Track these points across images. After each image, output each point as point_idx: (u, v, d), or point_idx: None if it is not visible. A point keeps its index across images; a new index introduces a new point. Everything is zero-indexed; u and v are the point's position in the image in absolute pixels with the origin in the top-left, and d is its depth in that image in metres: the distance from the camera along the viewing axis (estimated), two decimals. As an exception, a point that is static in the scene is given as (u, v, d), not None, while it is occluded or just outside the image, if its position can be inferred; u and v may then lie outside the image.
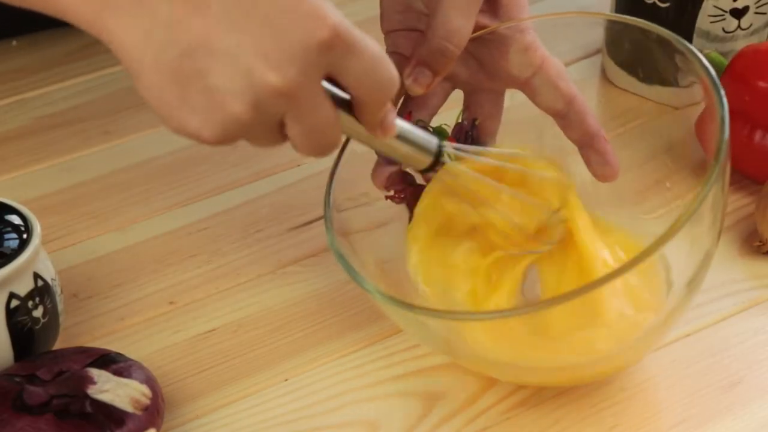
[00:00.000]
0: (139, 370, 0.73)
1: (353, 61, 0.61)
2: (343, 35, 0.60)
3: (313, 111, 0.62)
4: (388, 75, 0.63)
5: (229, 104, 0.60)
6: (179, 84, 0.60)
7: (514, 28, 0.78)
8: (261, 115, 0.61)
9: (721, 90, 0.69)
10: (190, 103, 0.60)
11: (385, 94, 0.64)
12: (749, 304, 0.82)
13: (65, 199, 0.92)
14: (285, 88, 0.60)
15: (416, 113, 0.80)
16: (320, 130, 0.63)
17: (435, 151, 0.71)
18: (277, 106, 0.61)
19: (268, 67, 0.59)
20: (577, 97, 0.77)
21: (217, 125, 0.61)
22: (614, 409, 0.75)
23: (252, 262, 0.86)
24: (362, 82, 0.63)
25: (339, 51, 0.61)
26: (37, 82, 1.05)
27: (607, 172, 0.77)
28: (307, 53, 0.60)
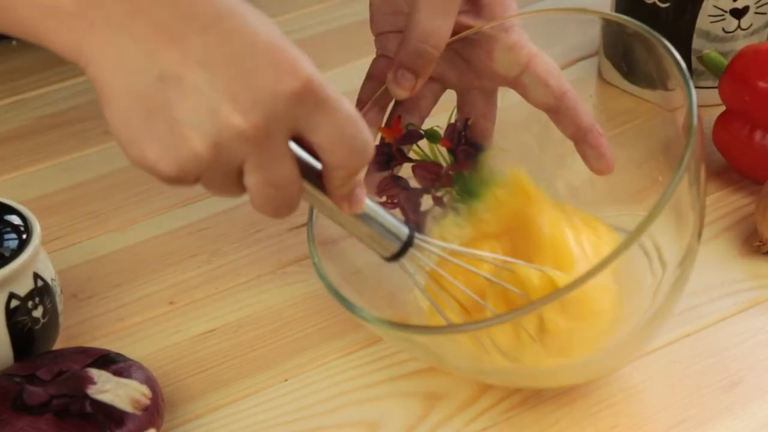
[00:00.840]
0: (139, 370, 0.73)
1: (323, 119, 0.60)
2: (316, 90, 0.59)
3: (274, 163, 0.60)
4: (362, 139, 0.61)
5: (190, 139, 0.58)
6: (144, 112, 0.59)
7: (498, 28, 0.78)
8: (220, 156, 0.59)
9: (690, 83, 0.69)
10: (153, 133, 0.59)
11: (356, 160, 0.61)
12: (749, 304, 0.82)
13: (65, 199, 0.92)
14: (248, 132, 0.58)
15: (406, 117, 0.80)
16: (278, 185, 0.61)
17: (403, 240, 0.68)
18: (237, 150, 0.59)
19: (234, 108, 0.58)
20: (569, 92, 0.77)
21: (175, 159, 0.59)
22: (614, 409, 0.75)
23: (252, 262, 0.86)
24: (332, 143, 0.61)
25: (309, 105, 0.59)
26: (37, 82, 1.05)
27: (603, 165, 0.77)
28: (276, 101, 0.58)
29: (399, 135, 0.79)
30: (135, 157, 0.60)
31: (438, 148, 0.80)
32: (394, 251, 0.68)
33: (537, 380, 0.74)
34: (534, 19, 0.79)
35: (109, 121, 0.60)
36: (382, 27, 0.80)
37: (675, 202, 0.66)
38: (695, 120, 0.67)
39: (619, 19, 0.75)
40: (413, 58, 0.75)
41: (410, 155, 0.80)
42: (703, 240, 0.86)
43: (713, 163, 0.93)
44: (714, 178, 0.92)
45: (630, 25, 0.74)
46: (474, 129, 0.81)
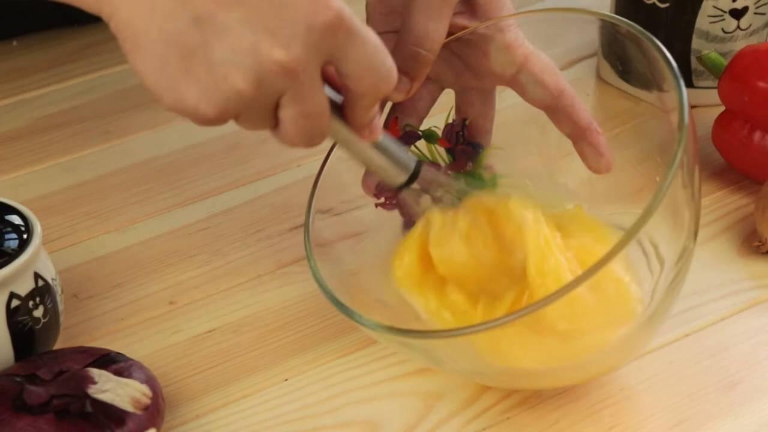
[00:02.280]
0: (140, 369, 0.73)
1: (354, 48, 0.62)
2: (346, 21, 0.61)
3: (311, 94, 0.62)
4: (388, 65, 0.64)
5: (231, 78, 0.60)
6: (183, 56, 0.60)
7: (493, 28, 0.78)
8: (261, 92, 0.61)
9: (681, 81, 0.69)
10: (192, 76, 0.60)
11: (383, 85, 0.64)
12: (749, 304, 0.82)
13: (65, 199, 0.92)
14: (289, 65, 0.60)
15: (404, 118, 0.80)
16: (313, 115, 0.63)
17: (412, 169, 0.71)
18: (278, 84, 0.61)
19: (273, 43, 0.60)
20: (566, 90, 0.77)
21: (217, 99, 0.61)
22: (614, 409, 0.75)
23: (252, 262, 0.86)
24: (361, 70, 0.63)
25: (341, 36, 0.61)
26: (37, 82, 1.05)
27: (601, 164, 0.77)
28: (311, 33, 0.60)
29: (396, 136, 0.79)
30: (172, 102, 0.61)
31: (436, 148, 0.80)
32: (404, 180, 0.71)
33: (536, 381, 0.74)
34: (533, 20, 0.79)
35: (142, 69, 0.61)
36: (377, 27, 0.80)
37: (670, 200, 0.66)
38: (686, 117, 0.67)
39: (612, 18, 0.75)
40: (408, 62, 0.75)
41: None
42: (703, 240, 0.86)
43: (713, 163, 0.94)
44: (713, 178, 0.92)
45: (623, 25, 0.74)
46: (472, 128, 0.81)
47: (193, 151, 0.96)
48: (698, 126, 0.97)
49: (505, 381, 0.74)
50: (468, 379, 0.75)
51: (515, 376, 0.73)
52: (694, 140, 0.69)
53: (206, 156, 0.95)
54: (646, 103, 0.74)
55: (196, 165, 0.95)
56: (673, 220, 0.69)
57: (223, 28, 0.60)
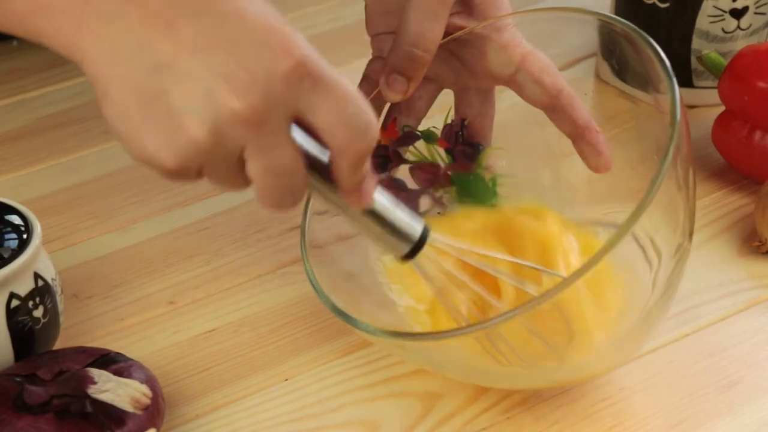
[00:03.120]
0: (140, 369, 0.73)
1: (321, 98, 0.59)
2: (311, 68, 0.58)
3: (274, 148, 0.59)
4: (363, 119, 0.60)
5: (188, 126, 0.58)
6: (141, 103, 0.58)
7: (490, 28, 0.78)
8: (220, 142, 0.58)
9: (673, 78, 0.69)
10: (151, 125, 0.58)
11: (359, 141, 0.60)
12: (749, 304, 0.82)
13: (65, 199, 0.92)
14: (245, 114, 0.58)
15: (402, 119, 0.80)
16: (281, 172, 0.59)
17: (417, 237, 0.65)
18: (236, 134, 0.58)
19: (230, 91, 0.57)
20: (564, 90, 0.77)
21: (175, 149, 0.59)
22: (613, 409, 0.75)
23: (252, 262, 0.86)
24: (332, 124, 0.59)
25: (306, 85, 0.58)
26: (37, 82, 1.05)
27: (600, 163, 0.77)
28: (271, 81, 0.58)
29: (395, 137, 0.79)
30: (135, 151, 0.60)
31: (435, 148, 0.80)
32: (406, 251, 0.66)
33: (535, 381, 0.74)
34: (532, 20, 0.79)
35: (108, 116, 0.60)
36: (376, 28, 0.80)
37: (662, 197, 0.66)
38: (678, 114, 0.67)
39: (607, 18, 0.75)
40: (405, 63, 0.75)
41: (407, 157, 0.80)
42: (703, 240, 0.86)
43: (712, 163, 0.94)
44: (713, 178, 0.92)
45: (618, 25, 0.74)
46: (471, 128, 0.81)
47: (193, 151, 0.96)
48: (698, 126, 0.97)
49: (501, 382, 0.74)
50: (466, 381, 0.75)
51: (512, 377, 0.73)
52: (688, 139, 0.69)
53: (206, 156, 0.95)
54: (644, 103, 0.74)
55: (196, 165, 0.95)
56: (667, 217, 0.69)
57: (182, 75, 0.58)
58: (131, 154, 0.60)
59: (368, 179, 0.63)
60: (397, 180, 0.79)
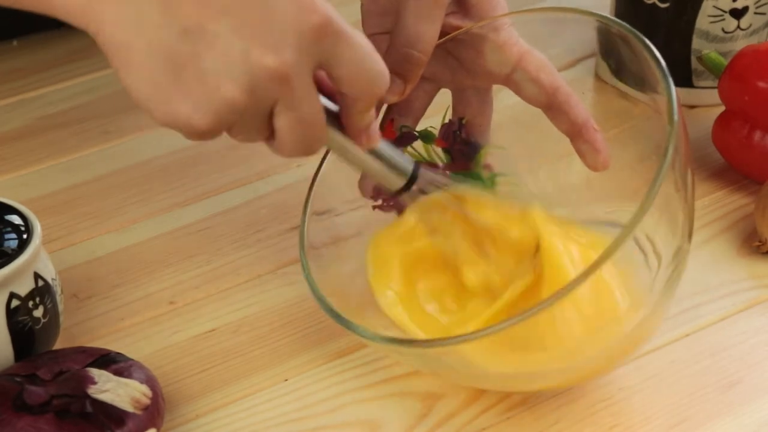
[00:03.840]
0: (140, 369, 0.73)
1: (344, 51, 0.62)
2: (335, 24, 0.61)
3: (304, 100, 0.62)
4: (379, 68, 0.63)
5: (224, 87, 0.60)
6: (173, 68, 0.59)
7: (486, 27, 0.78)
8: (255, 101, 0.60)
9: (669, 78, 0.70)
10: (183, 88, 0.60)
11: (376, 88, 0.64)
12: (749, 304, 0.82)
13: (65, 199, 0.92)
14: (280, 71, 0.60)
15: (400, 119, 0.80)
16: (308, 122, 0.63)
17: (410, 173, 0.71)
18: (271, 91, 0.60)
19: (263, 50, 0.59)
20: (561, 88, 0.77)
21: (210, 110, 0.60)
22: (613, 409, 0.75)
23: (252, 262, 0.86)
24: (353, 74, 0.63)
25: (331, 40, 0.61)
26: (37, 82, 1.05)
27: (599, 160, 0.77)
28: (300, 38, 0.60)
29: (392, 138, 0.79)
30: (164, 117, 0.61)
31: (433, 148, 0.80)
32: (401, 185, 0.71)
33: (534, 383, 0.74)
34: (530, 20, 0.79)
35: (131, 85, 0.60)
36: (372, 28, 0.80)
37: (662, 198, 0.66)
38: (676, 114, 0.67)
39: (603, 18, 0.75)
40: (401, 64, 0.75)
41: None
42: (703, 240, 0.86)
43: (712, 163, 0.94)
44: (713, 178, 0.92)
45: (614, 25, 0.74)
46: (469, 127, 0.81)
47: (193, 151, 0.96)
48: (698, 126, 0.97)
49: (499, 385, 0.74)
50: (463, 383, 0.75)
51: (509, 379, 0.73)
52: (686, 140, 0.69)
53: (206, 156, 0.95)
54: (642, 103, 0.74)
55: (196, 165, 0.95)
56: (666, 219, 0.69)
57: (212, 39, 0.59)
58: (158, 119, 0.61)
59: (374, 122, 0.67)
60: None
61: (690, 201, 0.70)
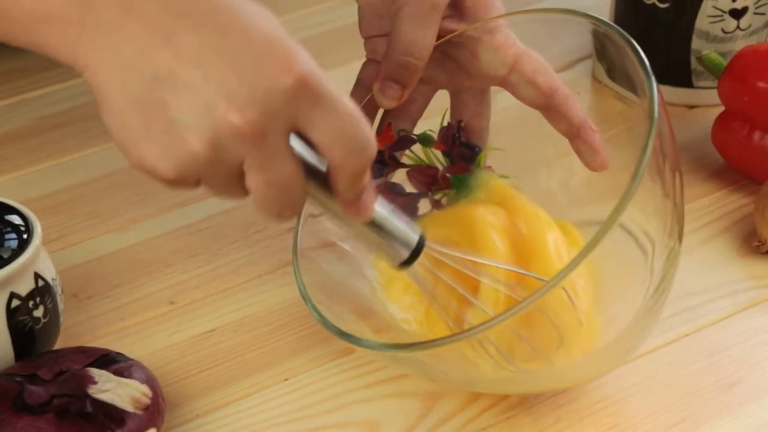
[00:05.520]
0: (140, 369, 0.73)
1: (321, 115, 0.59)
2: (311, 85, 0.58)
3: (273, 162, 0.59)
4: (362, 137, 0.60)
5: (187, 139, 0.58)
6: (142, 114, 0.58)
7: (482, 30, 0.78)
8: (219, 156, 0.58)
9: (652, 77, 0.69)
10: (150, 135, 0.58)
11: (358, 158, 0.60)
12: (748, 304, 0.82)
13: (66, 199, 0.92)
14: (244, 129, 0.57)
15: (397, 122, 0.80)
16: (280, 185, 0.60)
17: (413, 245, 0.66)
18: (235, 148, 0.58)
19: (229, 106, 0.57)
20: (559, 89, 0.77)
21: (173, 160, 0.59)
22: (613, 409, 0.75)
23: (252, 262, 0.86)
24: (331, 141, 0.59)
25: (306, 101, 0.58)
26: (37, 82, 1.05)
27: (597, 161, 0.77)
28: (271, 97, 0.57)
29: (391, 142, 0.79)
30: (134, 161, 0.60)
31: (432, 151, 0.80)
32: (402, 260, 0.66)
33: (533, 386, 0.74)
34: (527, 21, 0.79)
35: (108, 124, 0.60)
36: (369, 31, 0.80)
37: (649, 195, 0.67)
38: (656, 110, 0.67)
39: (594, 20, 0.75)
40: (398, 70, 0.75)
41: (404, 160, 0.80)
42: (702, 240, 0.86)
43: (712, 163, 0.94)
44: (713, 178, 0.92)
45: (602, 26, 0.74)
46: (468, 130, 0.81)
47: (193, 151, 0.96)
48: (698, 126, 0.97)
49: (495, 387, 0.74)
50: (459, 387, 0.75)
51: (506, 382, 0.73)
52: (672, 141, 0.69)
53: (206, 156, 0.95)
54: (636, 104, 0.74)
55: (196, 165, 0.95)
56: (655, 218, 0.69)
57: (182, 88, 0.57)
58: (130, 162, 0.60)
59: (368, 192, 0.63)
60: (394, 184, 0.79)
61: (679, 203, 0.70)
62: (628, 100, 0.76)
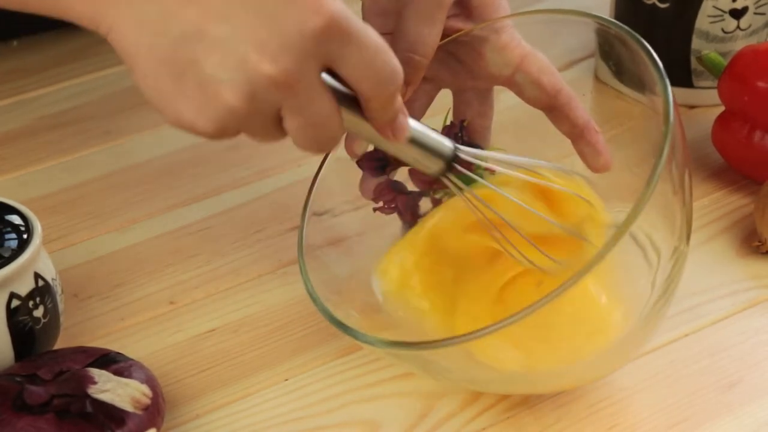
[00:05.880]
0: (140, 369, 0.73)
1: (352, 52, 0.60)
2: (341, 24, 0.59)
3: (311, 103, 0.60)
4: (390, 67, 0.61)
5: (223, 94, 0.59)
6: (174, 73, 0.59)
7: (488, 29, 0.78)
8: (256, 107, 0.60)
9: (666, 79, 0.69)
10: (185, 94, 0.59)
11: (388, 88, 0.62)
12: (748, 304, 0.82)
13: (66, 199, 0.92)
14: (280, 78, 0.58)
15: None
16: (319, 124, 0.61)
17: (449, 156, 0.69)
18: (272, 97, 0.59)
19: (262, 56, 0.58)
20: (563, 90, 0.77)
21: (212, 116, 0.59)
22: (613, 409, 0.75)
23: (252, 262, 0.86)
24: (362, 74, 0.61)
25: (336, 40, 0.59)
26: (37, 82, 1.05)
27: (600, 162, 0.77)
28: (303, 42, 0.58)
29: None
30: (172, 119, 0.61)
31: None
32: (439, 170, 0.69)
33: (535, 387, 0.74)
34: (530, 21, 0.79)
35: (141, 86, 0.60)
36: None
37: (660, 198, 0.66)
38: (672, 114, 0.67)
39: (600, 20, 0.75)
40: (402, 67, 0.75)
41: None
42: (702, 240, 0.86)
43: (712, 163, 0.94)
44: (713, 178, 0.92)
45: (612, 27, 0.74)
46: (471, 129, 0.81)
47: (193, 151, 0.96)
48: (698, 126, 0.97)
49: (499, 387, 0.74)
50: (463, 387, 0.75)
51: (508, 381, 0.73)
52: (683, 141, 0.69)
53: (206, 156, 0.95)
54: (641, 104, 0.74)
55: (196, 165, 0.95)
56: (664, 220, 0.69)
57: (211, 44, 0.58)
58: (167, 121, 0.61)
59: (400, 114, 0.65)
60: (396, 182, 0.78)
61: (688, 203, 0.70)
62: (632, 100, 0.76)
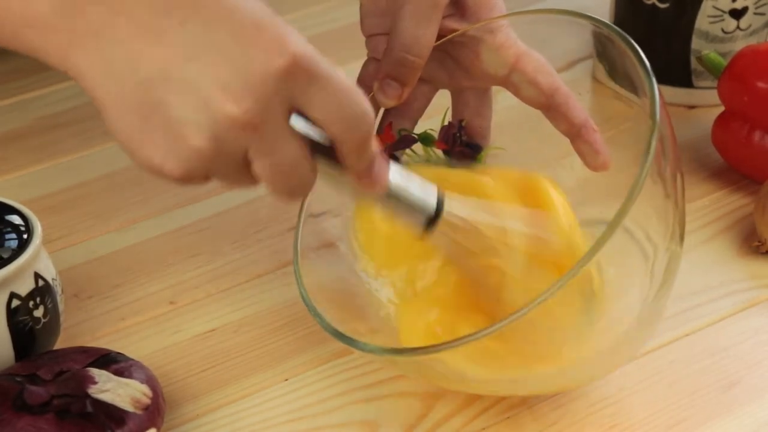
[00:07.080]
0: (140, 369, 0.73)
1: (317, 92, 0.58)
2: (305, 64, 0.58)
3: (277, 146, 0.59)
4: (360, 108, 0.59)
5: (188, 136, 0.58)
6: (140, 116, 0.58)
7: (483, 29, 0.78)
8: (222, 149, 0.58)
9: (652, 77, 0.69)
10: (152, 137, 0.58)
11: (359, 128, 0.60)
12: (748, 304, 0.82)
13: (66, 199, 0.92)
14: (244, 119, 0.57)
15: (398, 122, 0.80)
16: (287, 168, 0.60)
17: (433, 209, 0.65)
18: (237, 139, 0.58)
19: (225, 97, 0.57)
20: (560, 89, 0.77)
21: (178, 159, 0.58)
22: (613, 409, 0.75)
23: (252, 262, 0.86)
24: (331, 116, 0.59)
25: (301, 81, 0.58)
26: (37, 82, 1.05)
27: (599, 161, 0.77)
28: (266, 82, 0.57)
29: (391, 141, 0.79)
30: (142, 163, 0.60)
31: (433, 150, 0.80)
32: (423, 222, 0.66)
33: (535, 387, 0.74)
34: (527, 21, 0.79)
35: (110, 129, 0.60)
36: (371, 29, 0.80)
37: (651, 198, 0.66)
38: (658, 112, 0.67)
39: (595, 21, 0.75)
40: (397, 68, 0.75)
41: (404, 160, 0.79)
42: (702, 240, 0.86)
43: (712, 163, 0.94)
44: (713, 179, 0.92)
45: (603, 27, 0.74)
46: (469, 129, 0.81)
47: (193, 151, 0.96)
48: (698, 126, 0.97)
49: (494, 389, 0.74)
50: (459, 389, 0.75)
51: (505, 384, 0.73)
52: (674, 143, 0.69)
53: (206, 156, 0.95)
54: (636, 105, 0.74)
55: (196, 165, 0.95)
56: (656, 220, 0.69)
57: (177, 85, 0.57)
58: (138, 165, 0.60)
59: (379, 162, 0.62)
60: None
61: (681, 204, 0.70)
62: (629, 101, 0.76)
